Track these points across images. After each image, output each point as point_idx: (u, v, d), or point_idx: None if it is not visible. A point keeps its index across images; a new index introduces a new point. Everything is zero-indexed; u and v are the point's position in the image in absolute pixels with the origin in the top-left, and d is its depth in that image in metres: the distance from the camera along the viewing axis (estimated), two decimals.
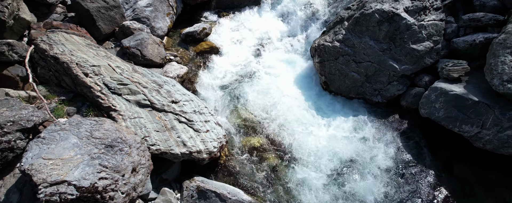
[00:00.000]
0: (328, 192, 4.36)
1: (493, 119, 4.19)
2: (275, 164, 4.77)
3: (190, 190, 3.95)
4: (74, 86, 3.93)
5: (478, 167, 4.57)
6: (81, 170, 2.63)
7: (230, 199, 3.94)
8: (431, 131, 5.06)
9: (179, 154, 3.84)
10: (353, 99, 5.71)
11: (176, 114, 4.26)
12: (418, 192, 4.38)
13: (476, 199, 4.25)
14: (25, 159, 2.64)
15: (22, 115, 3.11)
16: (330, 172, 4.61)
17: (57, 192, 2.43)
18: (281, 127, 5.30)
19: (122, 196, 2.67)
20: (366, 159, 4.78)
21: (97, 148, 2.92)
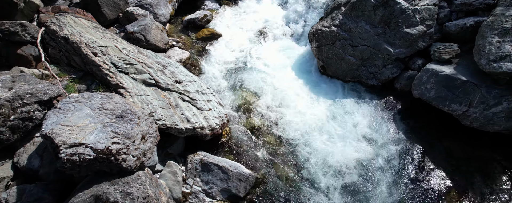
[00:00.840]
0: (322, 165, 4.64)
1: (479, 97, 4.43)
2: (274, 142, 5.03)
3: (194, 163, 4.23)
4: (84, 65, 4.17)
5: (466, 144, 4.83)
6: (96, 135, 2.89)
7: (232, 171, 4.22)
8: (422, 111, 5.30)
9: (183, 129, 4.10)
10: (349, 82, 5.94)
11: (180, 93, 4.50)
12: (407, 166, 4.65)
13: (462, 173, 4.52)
14: (45, 125, 2.90)
15: (39, 88, 3.35)
16: (325, 148, 4.88)
17: (76, 153, 2.69)
18: (280, 108, 5.55)
19: (133, 159, 2.94)
20: (359, 136, 5.04)
21: (109, 118, 3.17)
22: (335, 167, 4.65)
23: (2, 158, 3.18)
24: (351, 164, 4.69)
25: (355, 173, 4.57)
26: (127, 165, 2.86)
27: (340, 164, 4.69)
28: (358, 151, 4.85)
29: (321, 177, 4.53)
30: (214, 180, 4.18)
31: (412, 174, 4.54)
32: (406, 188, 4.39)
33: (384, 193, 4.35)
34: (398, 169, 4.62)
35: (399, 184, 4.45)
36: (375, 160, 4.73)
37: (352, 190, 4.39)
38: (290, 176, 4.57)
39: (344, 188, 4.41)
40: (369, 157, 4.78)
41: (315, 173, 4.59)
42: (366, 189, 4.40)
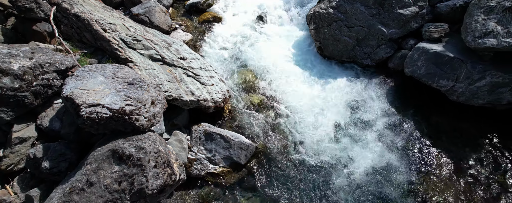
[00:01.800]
0: (316, 137, 4.98)
1: (465, 72, 4.72)
2: (273, 117, 5.36)
3: (198, 132, 4.57)
4: (94, 41, 4.45)
5: (452, 118, 5.15)
6: (111, 98, 3.21)
7: (233, 140, 4.56)
8: (413, 89, 5.60)
9: (188, 101, 4.42)
10: (345, 63, 6.22)
11: (184, 68, 4.80)
12: (396, 138, 4.99)
13: (448, 144, 4.86)
14: (65, 89, 3.21)
15: (56, 59, 3.65)
16: (320, 122, 5.21)
17: (95, 111, 3.02)
18: (279, 86, 5.85)
19: (145, 120, 3.27)
20: (352, 111, 5.36)
21: (121, 85, 3.48)
22: (328, 139, 4.98)
23: (27, 121, 3.52)
24: (343, 137, 5.03)
25: (346, 145, 4.92)
26: (139, 124, 3.19)
27: (332, 136, 5.02)
28: (350, 125, 5.19)
29: (314, 148, 4.88)
30: (217, 148, 4.53)
31: (401, 144, 4.88)
32: (395, 157, 4.73)
33: (373, 161, 4.70)
34: (387, 140, 4.96)
35: (388, 153, 4.79)
36: (366, 133, 5.06)
37: (343, 159, 4.74)
38: (287, 146, 4.91)
39: (335, 157, 4.77)
40: (360, 130, 5.11)
41: (309, 144, 4.93)
42: (355, 158, 4.75)
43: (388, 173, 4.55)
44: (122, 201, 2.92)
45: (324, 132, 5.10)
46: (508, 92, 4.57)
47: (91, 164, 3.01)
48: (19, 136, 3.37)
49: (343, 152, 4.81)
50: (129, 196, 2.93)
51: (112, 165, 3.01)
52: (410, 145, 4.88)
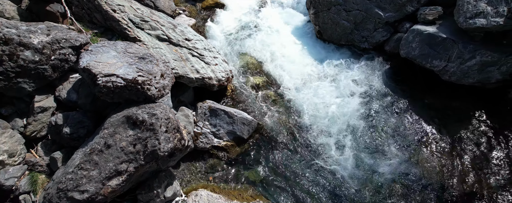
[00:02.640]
0: (314, 114, 5.27)
1: (457, 52, 4.95)
2: (273, 96, 5.64)
3: (203, 108, 4.85)
4: (104, 21, 4.69)
5: (444, 98, 5.41)
6: (124, 69, 3.48)
7: (236, 116, 4.85)
8: (408, 71, 5.84)
9: (193, 78, 4.68)
10: (343, 46, 6.45)
11: (189, 49, 5.05)
12: (390, 115, 5.26)
13: (439, 120, 5.13)
14: (81, 62, 3.48)
15: (71, 35, 3.91)
16: (319, 102, 5.49)
17: (110, 81, 3.29)
18: (280, 68, 6.11)
19: (156, 90, 3.54)
20: (348, 91, 5.63)
21: (132, 59, 3.75)
22: (325, 116, 5.27)
23: (46, 93, 3.80)
24: (340, 114, 5.31)
25: (343, 121, 5.20)
26: (151, 93, 3.47)
27: (329, 114, 5.30)
28: (347, 103, 5.46)
29: (312, 125, 5.17)
30: (221, 124, 4.82)
31: (394, 121, 5.16)
32: (389, 132, 5.02)
33: (368, 136, 4.99)
34: (382, 117, 5.24)
35: (382, 128, 5.08)
36: (362, 111, 5.34)
37: (339, 134, 5.04)
38: (287, 123, 5.20)
39: (331, 132, 5.06)
40: (356, 108, 5.39)
41: (307, 121, 5.22)
42: (351, 133, 5.04)
43: (382, 147, 4.85)
44: (137, 162, 3.23)
45: (321, 110, 5.38)
46: (497, 71, 4.81)
47: (108, 128, 3.31)
48: (41, 106, 3.66)
49: (339, 127, 5.10)
50: (143, 157, 3.23)
51: (127, 129, 3.30)
52: (404, 121, 5.16)
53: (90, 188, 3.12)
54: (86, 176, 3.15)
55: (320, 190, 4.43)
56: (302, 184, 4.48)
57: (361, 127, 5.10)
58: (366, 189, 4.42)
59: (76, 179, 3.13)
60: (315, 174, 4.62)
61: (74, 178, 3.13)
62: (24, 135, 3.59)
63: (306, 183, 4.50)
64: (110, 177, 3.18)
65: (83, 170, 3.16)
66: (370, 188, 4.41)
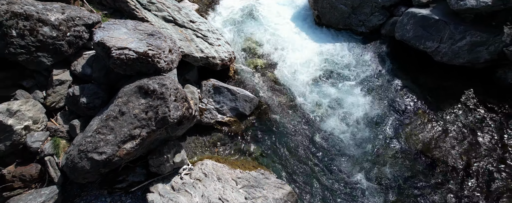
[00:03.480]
0: (311, 93, 5.57)
1: (448, 33, 5.20)
2: (273, 77, 5.92)
3: (207, 86, 5.15)
4: (113, 2, 4.94)
5: (437, 78, 5.69)
6: (135, 44, 3.76)
7: (239, 93, 5.15)
8: (403, 53, 6.10)
9: (198, 57, 4.96)
10: (341, 30, 6.69)
11: (194, 30, 5.30)
12: (386, 93, 5.55)
13: (431, 98, 5.42)
14: (96, 37, 3.76)
15: (84, 14, 4.17)
16: (317, 81, 5.78)
17: (123, 53, 3.58)
18: (280, 51, 6.37)
19: (165, 63, 3.83)
20: (345, 72, 5.91)
21: (142, 35, 4.02)
22: (322, 95, 5.56)
23: (63, 67, 4.09)
24: (337, 92, 5.60)
25: (340, 98, 5.50)
26: (160, 66, 3.76)
27: (326, 91, 5.60)
28: (344, 82, 5.74)
29: (310, 102, 5.47)
30: (224, 100, 5.13)
31: (389, 98, 5.46)
32: (383, 108, 5.32)
33: (363, 111, 5.29)
34: (377, 95, 5.53)
35: (377, 105, 5.38)
36: (358, 89, 5.63)
37: (336, 110, 5.34)
38: (286, 101, 5.50)
39: (329, 108, 5.37)
40: (353, 86, 5.67)
41: (306, 98, 5.52)
42: (347, 109, 5.35)
43: (376, 121, 5.16)
44: (149, 127, 3.54)
45: (319, 89, 5.67)
46: (485, 51, 5.07)
47: (121, 97, 3.61)
48: (58, 79, 3.96)
49: (336, 104, 5.40)
50: (154, 123, 3.54)
51: (139, 98, 3.60)
52: (397, 99, 5.45)
53: (107, 150, 3.45)
54: (103, 140, 3.47)
55: (317, 159, 4.76)
56: (300, 155, 4.81)
57: (357, 103, 5.40)
58: (358, 158, 4.75)
59: (94, 142, 3.45)
60: (312, 146, 4.95)
61: (92, 141, 3.46)
62: (44, 105, 3.90)
63: (304, 154, 4.83)
64: (125, 141, 3.51)
65: (100, 134, 3.48)
66: (362, 158, 4.74)
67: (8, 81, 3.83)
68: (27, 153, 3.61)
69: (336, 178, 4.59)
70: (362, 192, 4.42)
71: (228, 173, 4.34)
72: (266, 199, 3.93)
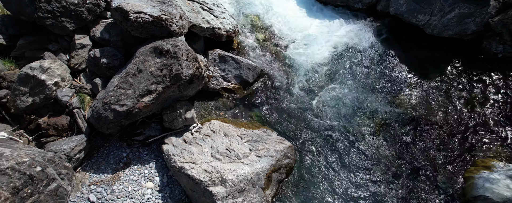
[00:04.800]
0: (309, 62, 5.98)
1: (439, 6, 5.55)
2: (274, 50, 6.31)
3: (213, 55, 5.56)
4: None
5: (428, 50, 6.08)
6: (150, 9, 4.15)
7: (243, 62, 5.56)
8: (398, 28, 6.46)
9: (205, 27, 5.35)
10: (339, 6, 7.01)
11: (200, 3, 5.66)
12: (378, 64, 5.96)
13: (421, 68, 5.83)
14: (113, 3, 4.14)
15: None
16: (315, 54, 6.18)
17: (140, 17, 3.98)
18: (280, 26, 6.73)
19: (177, 27, 4.23)
20: (342, 45, 6.29)
21: (154, 3, 4.40)
22: (320, 65, 5.98)
23: (83, 33, 4.50)
24: (333, 63, 6.01)
25: (335, 68, 5.91)
26: (173, 29, 4.16)
27: (323, 63, 6.01)
28: (340, 54, 6.14)
29: (309, 72, 5.90)
30: (229, 68, 5.55)
31: (382, 68, 5.87)
32: (377, 78, 5.74)
33: (358, 81, 5.72)
34: (371, 65, 5.94)
35: (371, 75, 5.80)
36: (353, 60, 6.03)
37: (331, 79, 5.77)
38: (286, 70, 5.93)
39: (325, 78, 5.79)
40: (349, 58, 6.07)
41: (304, 69, 5.94)
42: (342, 79, 5.77)
43: (370, 90, 5.59)
44: (164, 83, 3.99)
45: (317, 60, 6.08)
46: (472, 23, 5.43)
47: (139, 57, 4.04)
48: (80, 43, 4.37)
49: (333, 73, 5.83)
50: (169, 79, 3.98)
51: (155, 57, 4.03)
52: (390, 69, 5.86)
53: (127, 102, 3.91)
54: (124, 94, 3.93)
55: (314, 121, 5.22)
56: (299, 118, 5.28)
57: (352, 72, 5.82)
58: (353, 120, 5.21)
59: (116, 96, 3.92)
60: (310, 110, 5.40)
61: (114, 95, 3.92)
62: (68, 66, 4.34)
63: (302, 117, 5.29)
64: (143, 95, 3.97)
65: (121, 89, 3.94)
66: (356, 120, 5.21)
67: (37, 44, 4.26)
68: (57, 106, 4.07)
69: (332, 137, 5.06)
70: (354, 147, 4.90)
71: (234, 131, 4.82)
72: (268, 150, 4.42)
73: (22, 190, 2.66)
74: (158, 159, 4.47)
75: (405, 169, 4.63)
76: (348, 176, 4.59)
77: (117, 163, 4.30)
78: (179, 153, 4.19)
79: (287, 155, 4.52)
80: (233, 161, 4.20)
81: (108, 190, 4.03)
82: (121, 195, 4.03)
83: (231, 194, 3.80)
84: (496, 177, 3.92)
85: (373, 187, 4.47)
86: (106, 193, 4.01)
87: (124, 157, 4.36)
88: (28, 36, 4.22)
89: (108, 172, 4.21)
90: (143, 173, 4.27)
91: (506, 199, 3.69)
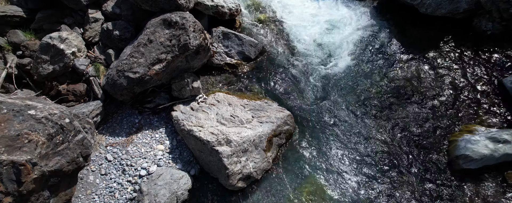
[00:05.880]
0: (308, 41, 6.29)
1: None
2: (275, 29, 6.60)
3: (217, 32, 5.86)
4: None
5: (422, 28, 6.35)
6: None
7: (245, 38, 5.87)
8: (394, 8, 6.71)
9: (209, 5, 5.62)
10: None
11: None
12: (374, 41, 6.26)
13: (415, 46, 6.13)
14: None
15: None
16: (313, 32, 6.47)
17: None
18: (281, 7, 6.99)
19: (184, 1, 4.52)
20: (340, 24, 6.57)
21: None
22: (317, 44, 6.28)
23: (95, 8, 4.79)
24: (330, 42, 6.31)
25: (332, 47, 6.22)
26: (180, 2, 4.46)
27: (321, 41, 6.31)
28: (339, 33, 6.44)
29: (308, 49, 6.21)
30: (232, 45, 5.86)
31: (377, 45, 6.17)
32: (373, 54, 6.05)
33: (353, 58, 6.04)
34: (367, 43, 6.23)
35: (366, 53, 6.10)
36: (349, 39, 6.33)
37: (328, 57, 6.08)
38: (286, 48, 6.24)
39: (322, 56, 6.11)
40: (346, 37, 6.37)
41: (303, 46, 6.25)
42: (338, 57, 6.09)
43: (366, 66, 5.91)
44: (173, 52, 4.32)
45: (315, 38, 6.38)
46: (464, 1, 5.70)
47: (149, 28, 4.36)
48: (93, 17, 4.68)
49: (332, 50, 6.14)
50: (177, 48, 4.31)
51: (164, 29, 4.35)
52: (386, 47, 6.17)
53: (140, 70, 4.26)
54: (136, 62, 4.27)
55: (312, 93, 5.58)
56: (299, 90, 5.62)
57: (349, 49, 6.13)
58: (349, 92, 5.56)
59: (129, 64, 4.25)
60: (309, 83, 5.74)
61: (127, 63, 4.26)
62: (83, 39, 4.66)
63: (302, 89, 5.64)
64: (154, 63, 4.30)
65: (133, 58, 4.28)
66: (352, 91, 5.55)
67: (54, 18, 4.57)
68: (75, 75, 4.42)
69: (329, 108, 5.41)
70: (350, 117, 5.26)
71: (237, 101, 5.18)
72: (269, 117, 4.79)
73: (55, 137, 3.04)
74: (167, 125, 4.86)
75: (396, 135, 5.00)
76: (343, 141, 4.97)
77: (130, 128, 4.68)
78: (187, 118, 4.56)
79: (286, 122, 4.89)
80: (237, 126, 4.58)
81: (123, 150, 4.43)
82: (135, 155, 4.42)
83: (236, 153, 4.20)
84: (476, 138, 4.29)
85: (365, 150, 4.86)
86: (121, 153, 4.41)
87: (136, 123, 4.74)
88: (46, 10, 4.52)
89: (122, 135, 4.60)
90: (154, 137, 4.66)
91: (483, 156, 4.07)
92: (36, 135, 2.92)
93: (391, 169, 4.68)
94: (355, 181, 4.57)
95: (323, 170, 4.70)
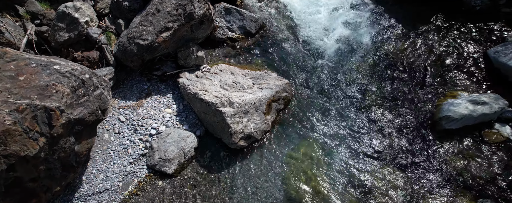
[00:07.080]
0: (310, 19, 6.58)
1: None
2: (277, 7, 6.87)
3: (219, 7, 6.15)
4: None
5: (415, 5, 6.62)
6: None
7: (246, 14, 6.16)
8: None
9: None
10: None
11: None
12: (370, 18, 6.54)
13: (410, 21, 6.41)
14: None
15: None
16: (313, 11, 6.75)
17: None
18: None
19: None
20: (340, 3, 6.84)
21: None
22: (317, 21, 6.58)
23: None
24: (330, 18, 6.60)
25: (331, 23, 6.52)
26: None
27: (321, 19, 6.60)
28: (336, 12, 6.72)
29: (307, 26, 6.51)
30: (233, 20, 6.16)
31: (373, 21, 6.47)
32: (369, 29, 6.36)
33: (351, 34, 6.35)
34: (365, 21, 6.52)
35: (363, 27, 6.40)
36: (347, 14, 6.61)
37: (327, 32, 6.39)
38: (286, 24, 6.53)
39: (321, 31, 6.41)
40: (342, 15, 6.65)
41: (304, 22, 6.54)
42: (336, 33, 6.40)
43: (362, 39, 6.23)
44: (179, 21, 4.64)
45: (314, 15, 6.66)
46: None
47: None
48: None
49: (329, 26, 6.45)
50: (183, 17, 4.63)
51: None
52: (382, 22, 6.46)
53: (149, 37, 4.59)
54: (145, 30, 4.60)
55: (310, 66, 5.93)
56: (296, 63, 5.97)
57: (346, 23, 6.44)
58: (344, 64, 5.91)
59: (139, 32, 4.59)
60: (306, 57, 6.08)
61: (137, 31, 4.59)
62: (95, 10, 4.97)
63: (300, 63, 5.98)
64: (161, 31, 4.64)
65: (142, 26, 4.60)
66: (347, 63, 5.90)
67: None
68: (88, 43, 4.76)
69: (325, 78, 5.77)
70: (346, 86, 5.64)
71: (239, 71, 5.54)
72: (268, 84, 5.16)
73: (77, 90, 3.42)
74: (174, 92, 5.24)
75: (388, 100, 5.39)
76: (338, 108, 5.37)
77: (139, 93, 5.07)
78: (192, 83, 4.94)
79: (285, 89, 5.27)
80: (239, 91, 4.96)
81: (134, 113, 4.84)
82: (145, 117, 4.83)
83: (238, 114, 4.60)
84: (459, 102, 4.68)
85: (359, 113, 5.26)
86: (133, 115, 4.81)
87: (145, 89, 5.12)
88: None
89: (133, 99, 4.99)
90: (163, 101, 5.05)
91: (463, 116, 4.47)
92: (62, 87, 3.30)
93: (380, 131, 5.10)
94: (348, 141, 4.99)
95: (318, 132, 5.11)
